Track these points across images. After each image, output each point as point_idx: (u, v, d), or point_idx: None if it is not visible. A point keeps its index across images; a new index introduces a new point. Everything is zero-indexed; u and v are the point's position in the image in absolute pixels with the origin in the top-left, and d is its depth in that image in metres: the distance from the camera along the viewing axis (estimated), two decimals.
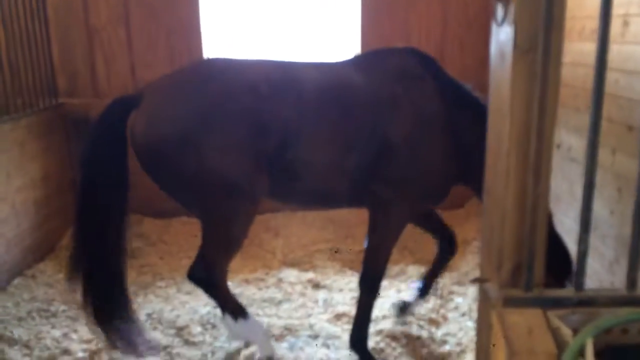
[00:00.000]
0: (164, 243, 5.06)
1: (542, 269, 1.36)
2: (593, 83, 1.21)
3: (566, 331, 1.27)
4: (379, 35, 5.17)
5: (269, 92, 2.76)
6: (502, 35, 1.28)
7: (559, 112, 3.99)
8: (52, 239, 4.83)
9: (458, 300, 4.10)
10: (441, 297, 4.02)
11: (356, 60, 3.12)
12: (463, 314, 3.90)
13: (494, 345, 1.19)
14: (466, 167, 2.94)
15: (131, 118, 2.84)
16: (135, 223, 5.36)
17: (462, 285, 4.27)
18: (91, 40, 5.13)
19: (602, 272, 3.30)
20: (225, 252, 2.97)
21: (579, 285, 1.37)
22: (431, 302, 3.92)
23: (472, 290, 4.18)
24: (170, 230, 5.29)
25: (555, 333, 1.29)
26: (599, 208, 3.54)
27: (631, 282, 1.36)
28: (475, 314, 3.87)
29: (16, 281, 4.25)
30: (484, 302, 1.38)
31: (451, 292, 4.16)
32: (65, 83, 5.19)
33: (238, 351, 3.35)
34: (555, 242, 2.63)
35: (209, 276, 2.98)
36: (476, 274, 4.41)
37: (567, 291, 1.38)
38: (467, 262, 4.59)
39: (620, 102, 3.11)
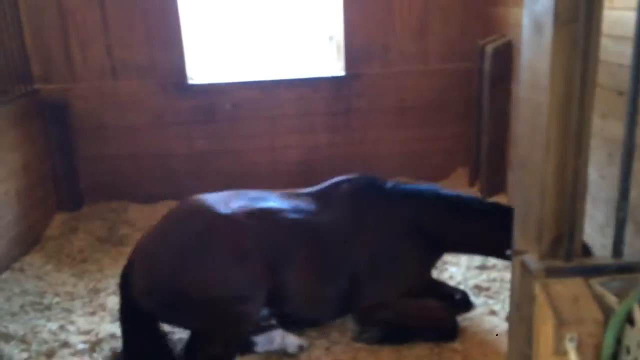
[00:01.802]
0: None
1: (582, 239, 1.38)
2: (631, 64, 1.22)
3: (611, 298, 1.30)
4: (361, 6, 5.11)
5: (253, 225, 2.98)
6: (538, 7, 1.27)
7: None
8: (37, 229, 4.72)
9: (452, 269, 4.18)
10: (435, 267, 4.08)
11: (318, 193, 3.43)
12: (458, 283, 3.97)
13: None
14: (452, 245, 3.44)
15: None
16: (121, 210, 5.28)
17: (454, 255, 4.33)
18: (65, 23, 4.93)
19: (593, 234, 3.39)
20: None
21: (618, 253, 1.40)
22: None
23: (465, 260, 4.26)
24: (157, 214, 5.14)
25: (599, 300, 1.32)
26: (590, 172, 3.63)
27: None
28: (470, 282, 3.95)
29: (4, 275, 4.14)
30: (524, 274, 1.40)
31: (445, 262, 4.23)
32: (39, 68, 5.00)
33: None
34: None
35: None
36: None
37: (607, 259, 1.41)
38: None
39: (611, 68, 3.16)
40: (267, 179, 5.32)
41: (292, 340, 3.17)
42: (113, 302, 3.76)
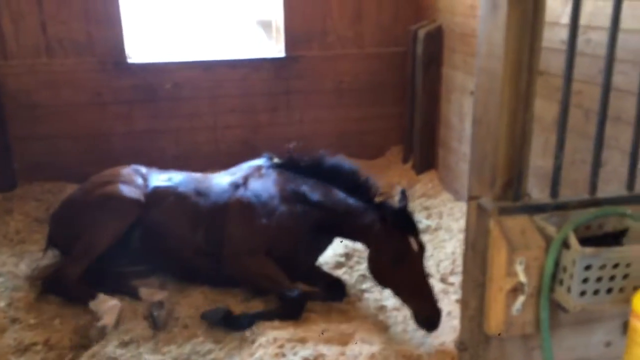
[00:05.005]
0: None
1: (527, 184, 1.67)
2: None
3: (551, 229, 1.60)
4: None
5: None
6: None
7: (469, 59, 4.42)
8: None
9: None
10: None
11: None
12: None
13: None
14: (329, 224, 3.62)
15: None
16: (57, 190, 5.18)
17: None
18: None
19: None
20: None
21: (555, 194, 1.70)
22: None
23: None
24: None
25: (541, 231, 1.62)
26: None
27: (593, 188, 1.71)
28: None
29: None
30: (480, 214, 1.67)
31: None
32: None
33: None
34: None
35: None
36: None
37: (546, 199, 1.71)
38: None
39: None
40: (209, 158, 5.41)
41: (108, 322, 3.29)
42: None
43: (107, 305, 3.36)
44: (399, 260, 3.17)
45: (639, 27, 2.64)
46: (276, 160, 3.86)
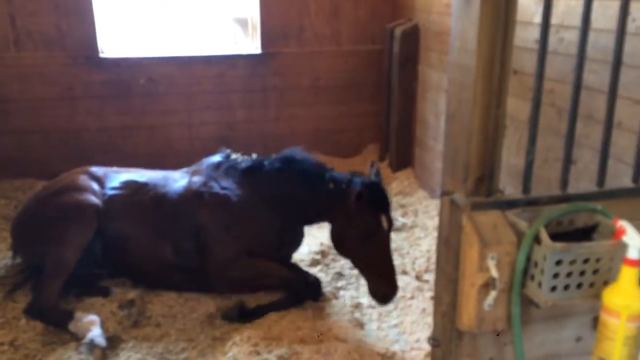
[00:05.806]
0: None
1: (499, 179, 1.67)
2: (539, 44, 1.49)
3: (522, 224, 1.60)
4: None
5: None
6: None
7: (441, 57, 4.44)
8: None
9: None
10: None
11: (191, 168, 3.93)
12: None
13: None
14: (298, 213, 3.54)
15: None
16: (27, 188, 5.07)
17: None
18: None
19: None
20: None
21: (527, 190, 1.71)
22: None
23: None
24: None
25: (513, 227, 1.62)
26: None
27: (564, 184, 1.72)
28: None
29: None
30: (453, 209, 1.67)
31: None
32: None
33: None
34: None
35: None
36: None
37: (518, 195, 1.72)
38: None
39: None
40: (184, 155, 5.32)
41: (96, 333, 3.08)
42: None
43: (86, 322, 3.17)
44: (368, 236, 3.16)
45: (610, 27, 2.68)
46: (234, 156, 3.76)
